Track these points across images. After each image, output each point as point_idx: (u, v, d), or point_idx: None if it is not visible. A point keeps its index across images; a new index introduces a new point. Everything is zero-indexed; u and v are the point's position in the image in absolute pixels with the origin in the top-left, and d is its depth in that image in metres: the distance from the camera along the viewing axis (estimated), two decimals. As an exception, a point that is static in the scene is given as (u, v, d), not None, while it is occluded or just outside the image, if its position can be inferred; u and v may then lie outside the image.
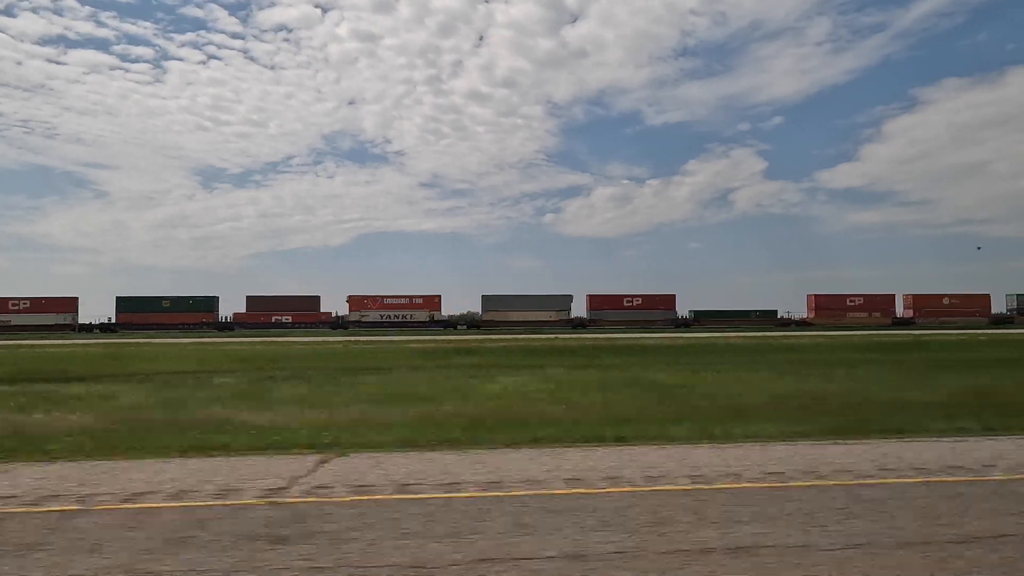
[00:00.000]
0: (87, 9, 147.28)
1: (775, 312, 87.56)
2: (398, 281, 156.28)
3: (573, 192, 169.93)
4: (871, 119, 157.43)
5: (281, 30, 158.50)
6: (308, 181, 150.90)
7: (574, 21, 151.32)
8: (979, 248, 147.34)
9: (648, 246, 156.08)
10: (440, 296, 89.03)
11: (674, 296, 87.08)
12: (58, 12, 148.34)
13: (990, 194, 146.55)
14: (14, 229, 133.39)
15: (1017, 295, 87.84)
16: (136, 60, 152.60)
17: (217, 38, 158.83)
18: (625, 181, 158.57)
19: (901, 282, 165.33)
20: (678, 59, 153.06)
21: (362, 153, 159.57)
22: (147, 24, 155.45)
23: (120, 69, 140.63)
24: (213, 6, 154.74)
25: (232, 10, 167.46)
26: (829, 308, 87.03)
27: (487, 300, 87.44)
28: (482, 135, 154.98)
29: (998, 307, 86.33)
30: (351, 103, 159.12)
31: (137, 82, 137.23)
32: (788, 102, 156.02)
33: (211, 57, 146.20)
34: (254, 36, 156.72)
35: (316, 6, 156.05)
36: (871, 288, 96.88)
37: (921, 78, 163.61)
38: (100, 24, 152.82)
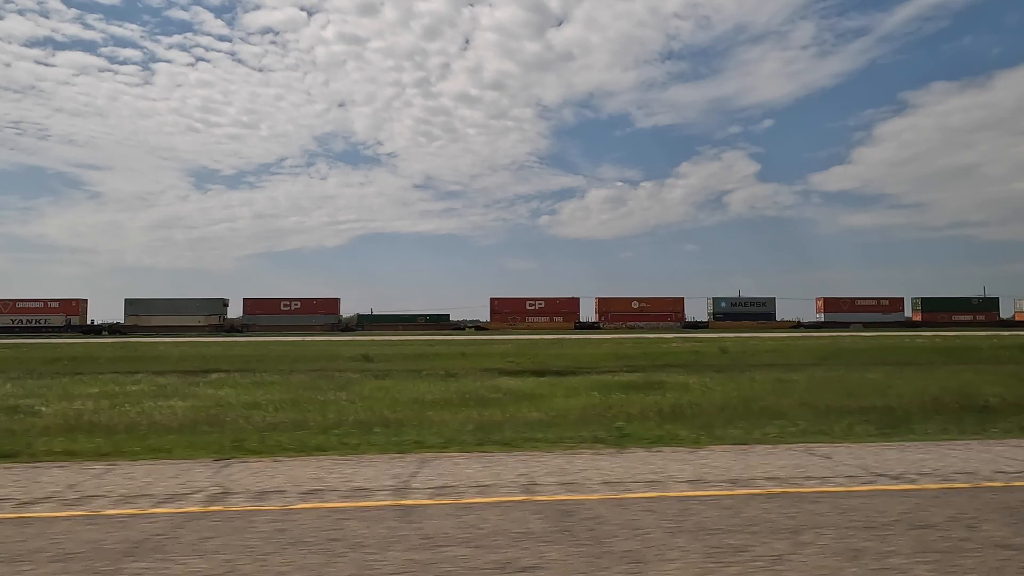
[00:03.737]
0: (73, 11, 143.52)
1: (447, 316, 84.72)
2: (396, 281, 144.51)
3: (567, 194, 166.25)
4: (861, 122, 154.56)
5: (267, 32, 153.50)
6: (302, 183, 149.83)
7: (559, 24, 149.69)
8: None
9: (645, 248, 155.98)
10: (86, 300, 78.33)
11: (338, 300, 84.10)
12: (44, 14, 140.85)
13: (984, 197, 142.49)
14: (9, 230, 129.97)
15: (715, 299, 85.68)
16: (124, 62, 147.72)
17: (204, 40, 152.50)
18: (618, 183, 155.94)
19: (898, 285, 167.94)
20: (664, 62, 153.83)
21: (354, 155, 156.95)
22: (134, 26, 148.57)
23: (109, 71, 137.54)
24: (198, 9, 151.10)
25: (218, 13, 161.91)
26: (505, 312, 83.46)
27: (130, 304, 76.87)
28: (473, 137, 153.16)
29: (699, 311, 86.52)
30: (341, 105, 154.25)
31: (126, 84, 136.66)
32: (777, 105, 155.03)
33: (199, 59, 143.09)
34: (241, 39, 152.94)
35: (301, 9, 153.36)
36: (868, 290, 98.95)
37: (909, 82, 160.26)
38: (87, 26, 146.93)
